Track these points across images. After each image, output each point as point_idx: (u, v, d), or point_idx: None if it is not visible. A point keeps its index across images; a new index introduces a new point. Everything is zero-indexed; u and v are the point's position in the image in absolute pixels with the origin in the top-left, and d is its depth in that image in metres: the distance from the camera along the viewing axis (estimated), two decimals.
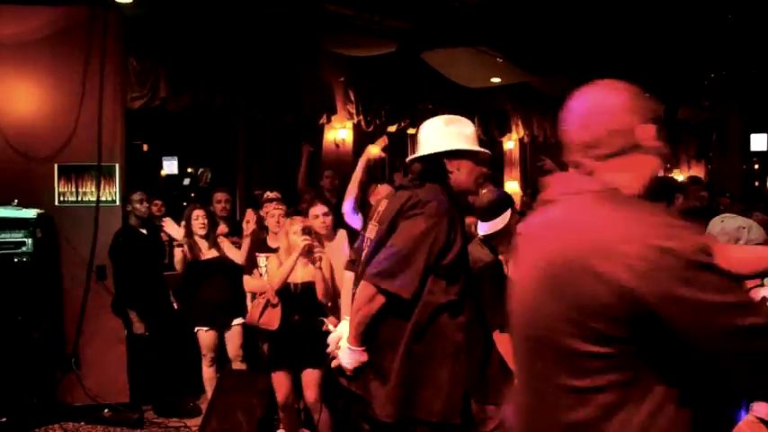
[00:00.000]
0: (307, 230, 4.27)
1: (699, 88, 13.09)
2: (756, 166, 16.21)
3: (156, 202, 6.36)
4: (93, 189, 5.47)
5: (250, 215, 5.72)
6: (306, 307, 4.28)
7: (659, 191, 4.45)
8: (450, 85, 9.76)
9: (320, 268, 4.24)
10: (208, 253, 5.20)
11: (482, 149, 2.86)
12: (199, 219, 5.17)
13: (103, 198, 5.48)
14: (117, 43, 5.57)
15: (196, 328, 5.19)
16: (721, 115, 13.87)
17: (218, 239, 5.28)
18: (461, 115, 2.93)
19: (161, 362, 5.43)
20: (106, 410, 5.25)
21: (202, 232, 5.18)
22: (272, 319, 4.30)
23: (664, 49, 9.54)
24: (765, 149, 14.17)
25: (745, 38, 9.39)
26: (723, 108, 13.69)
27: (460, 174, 2.80)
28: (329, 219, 4.62)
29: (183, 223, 5.21)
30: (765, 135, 14.02)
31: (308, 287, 4.26)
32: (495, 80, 9.76)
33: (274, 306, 4.31)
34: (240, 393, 4.63)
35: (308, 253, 4.23)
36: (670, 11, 8.17)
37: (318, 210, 4.60)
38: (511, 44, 8.42)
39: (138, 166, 8.22)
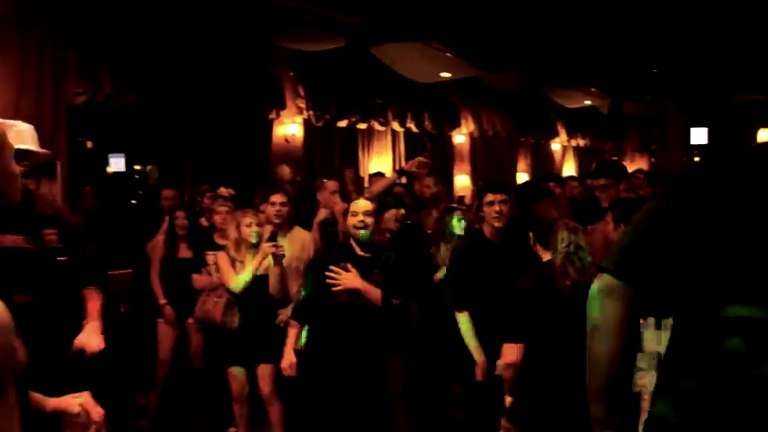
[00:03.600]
0: (273, 237, 4.13)
1: (642, 83, 13.44)
2: (696, 159, 16.74)
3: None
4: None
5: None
6: (260, 301, 4.20)
7: (609, 172, 4.53)
8: (399, 80, 9.77)
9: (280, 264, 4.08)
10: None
11: None
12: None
13: None
14: (55, 36, 5.40)
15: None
16: (663, 109, 14.25)
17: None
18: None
19: (108, 362, 5.29)
20: None
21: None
22: (234, 317, 4.25)
23: (609, 45, 9.76)
24: (705, 143, 14.63)
25: (686, 35, 9.68)
26: (665, 102, 14.08)
27: None
28: (285, 209, 4.47)
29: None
30: (705, 129, 14.47)
31: (262, 280, 4.15)
32: (445, 75, 9.79)
33: (234, 304, 4.25)
34: None
35: (276, 260, 4.04)
36: (615, 9, 8.36)
37: (277, 198, 4.47)
38: (460, 39, 8.48)
39: (82, 162, 7.99)
